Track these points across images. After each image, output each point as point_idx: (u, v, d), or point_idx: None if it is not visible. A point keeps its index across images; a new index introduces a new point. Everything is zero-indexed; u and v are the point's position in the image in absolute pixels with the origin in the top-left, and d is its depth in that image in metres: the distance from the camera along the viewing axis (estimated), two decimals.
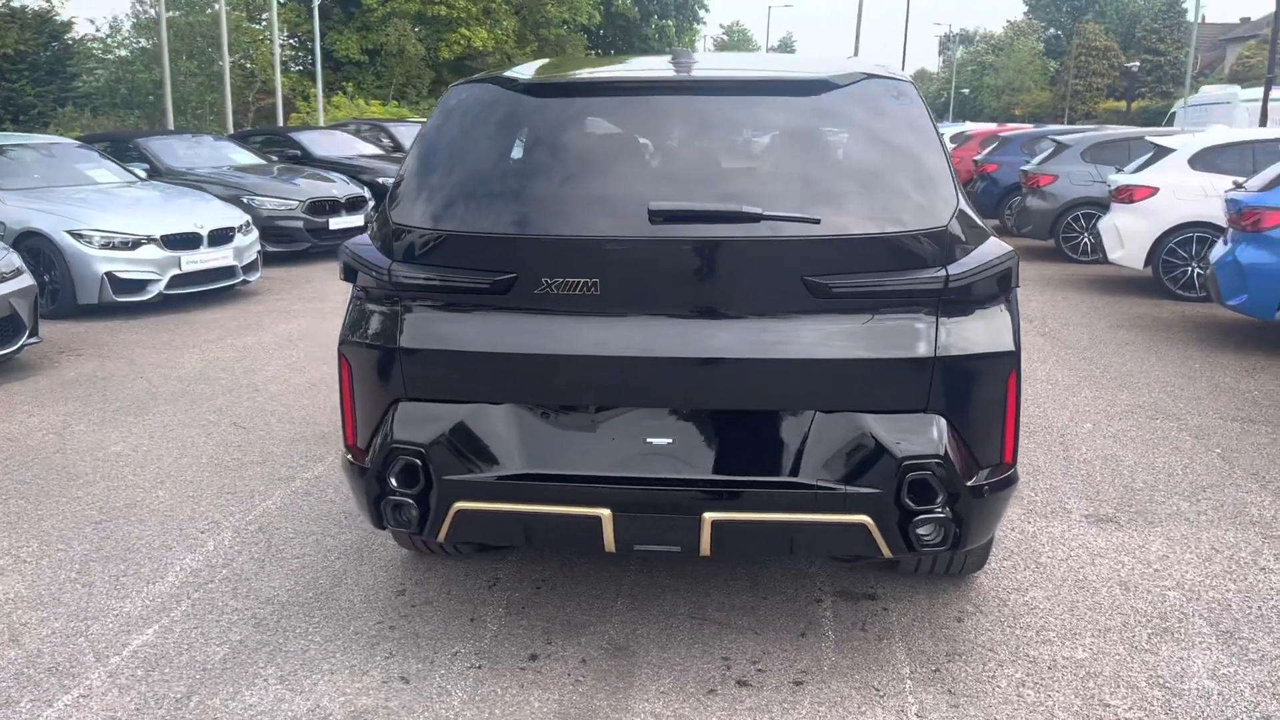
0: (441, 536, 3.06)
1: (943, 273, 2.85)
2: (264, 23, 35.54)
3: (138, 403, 6.23)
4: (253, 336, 8.16)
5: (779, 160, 3.00)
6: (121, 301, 8.81)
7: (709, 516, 2.88)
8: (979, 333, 2.94)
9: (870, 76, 3.15)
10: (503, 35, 39.14)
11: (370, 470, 3.09)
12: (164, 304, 9.14)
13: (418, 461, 3.01)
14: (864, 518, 2.86)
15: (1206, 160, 9.70)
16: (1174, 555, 4.04)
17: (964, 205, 2.99)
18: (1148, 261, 9.84)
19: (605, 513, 2.91)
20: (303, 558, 4.03)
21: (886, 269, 2.85)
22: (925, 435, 2.87)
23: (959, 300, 2.91)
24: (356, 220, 12.36)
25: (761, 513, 2.89)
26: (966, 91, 77.91)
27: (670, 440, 2.94)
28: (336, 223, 12.09)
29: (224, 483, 4.85)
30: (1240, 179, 8.49)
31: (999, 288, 2.97)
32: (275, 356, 7.45)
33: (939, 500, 2.88)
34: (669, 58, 3.43)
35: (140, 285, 8.90)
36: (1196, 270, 9.67)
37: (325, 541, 4.18)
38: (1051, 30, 79.85)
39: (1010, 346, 2.97)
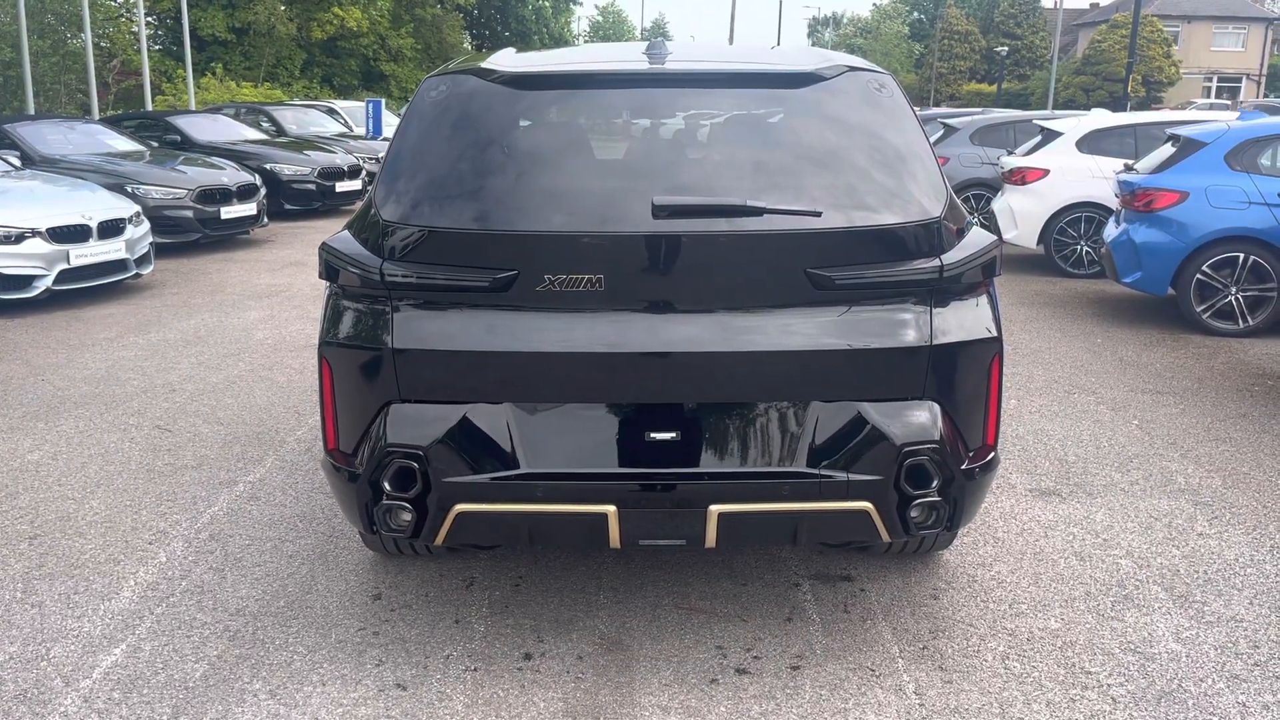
0: (440, 540, 3.01)
1: (937, 262, 2.93)
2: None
3: (46, 406, 5.89)
4: (155, 334, 7.79)
5: (773, 153, 3.02)
6: (5, 299, 8.30)
7: (715, 509, 2.90)
8: (968, 319, 3.03)
9: (853, 69, 3.20)
10: (377, 15, 38.16)
11: (361, 475, 3.01)
12: (51, 300, 8.66)
13: (414, 465, 2.94)
14: (866, 504, 2.92)
15: (1092, 143, 10.16)
16: (1118, 525, 4.25)
17: (951, 194, 3.07)
18: (1040, 240, 10.27)
19: (611, 509, 2.91)
20: (265, 565, 3.89)
21: (884, 260, 2.91)
22: (922, 421, 2.95)
23: (949, 289, 2.99)
24: (249, 209, 11.91)
25: (767, 503, 2.93)
26: None
27: (674, 435, 2.94)
28: (228, 212, 11.63)
29: (161, 490, 4.64)
30: (1129, 161, 8.93)
31: (984, 275, 3.06)
32: (185, 354, 7.14)
33: (935, 484, 2.96)
34: (644, 47, 3.40)
35: (26, 281, 8.40)
36: (1085, 248, 10.15)
37: (285, 547, 4.04)
38: (916, 14, 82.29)
39: (995, 332, 3.07)
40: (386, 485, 2.98)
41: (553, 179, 2.96)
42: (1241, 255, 7.52)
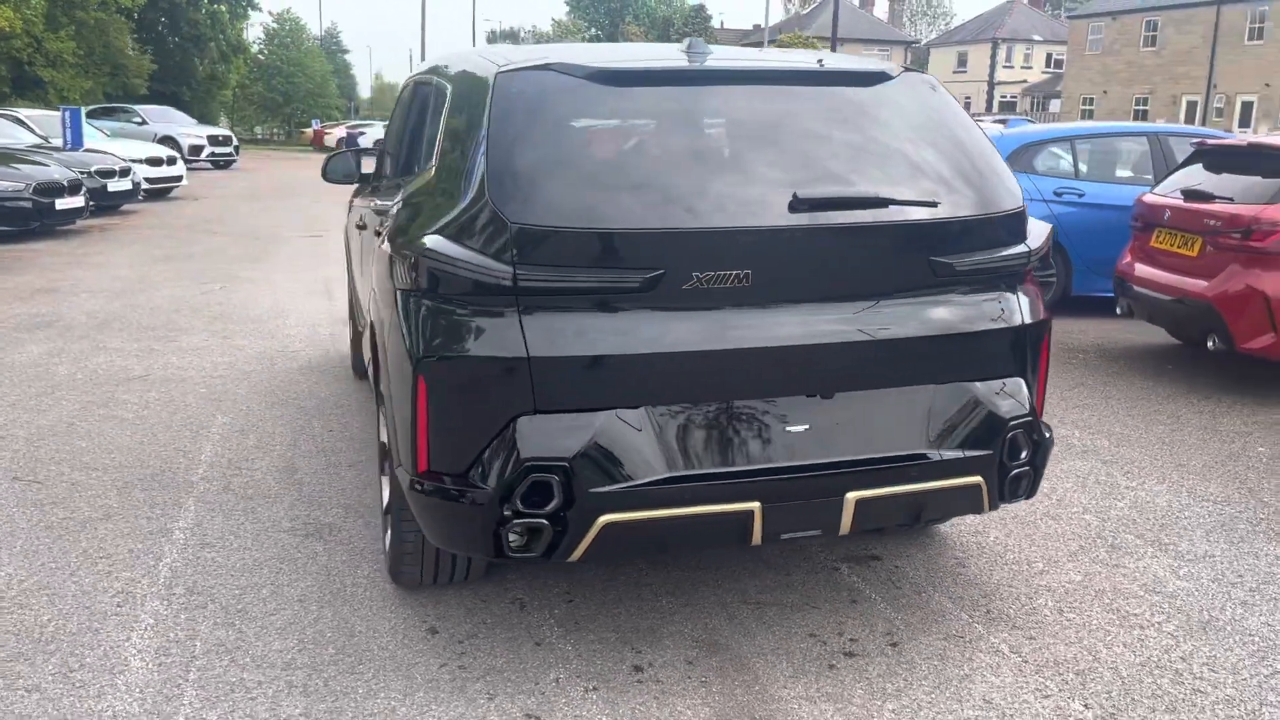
0: (577, 555, 2.87)
1: (1025, 248, 3.17)
2: None
3: None
4: None
5: (875, 147, 3.12)
6: None
7: (851, 496, 2.97)
8: (1036, 300, 3.30)
9: (906, 69, 3.38)
10: (32, 15, 34.25)
11: (492, 494, 2.80)
12: None
13: (554, 478, 2.79)
14: (978, 479, 3.11)
15: None
16: (1060, 487, 4.72)
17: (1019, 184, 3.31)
18: None
19: (755, 506, 2.90)
20: (278, 614, 3.49)
21: (991, 246, 3.11)
22: (1019, 397, 3.18)
23: (1023, 272, 3.24)
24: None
25: (897, 486, 3.03)
26: None
27: (810, 426, 2.98)
28: None
29: (82, 547, 4.02)
30: None
31: (1042, 261, 3.33)
32: None
33: (1025, 455, 3.20)
34: (684, 46, 3.39)
35: None
36: None
37: (285, 592, 3.65)
38: (593, 30, 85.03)
39: (1046, 312, 3.35)
40: (519, 503, 2.80)
41: (684, 175, 2.90)
42: None
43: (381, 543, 3.93)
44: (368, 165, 5.57)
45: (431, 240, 2.90)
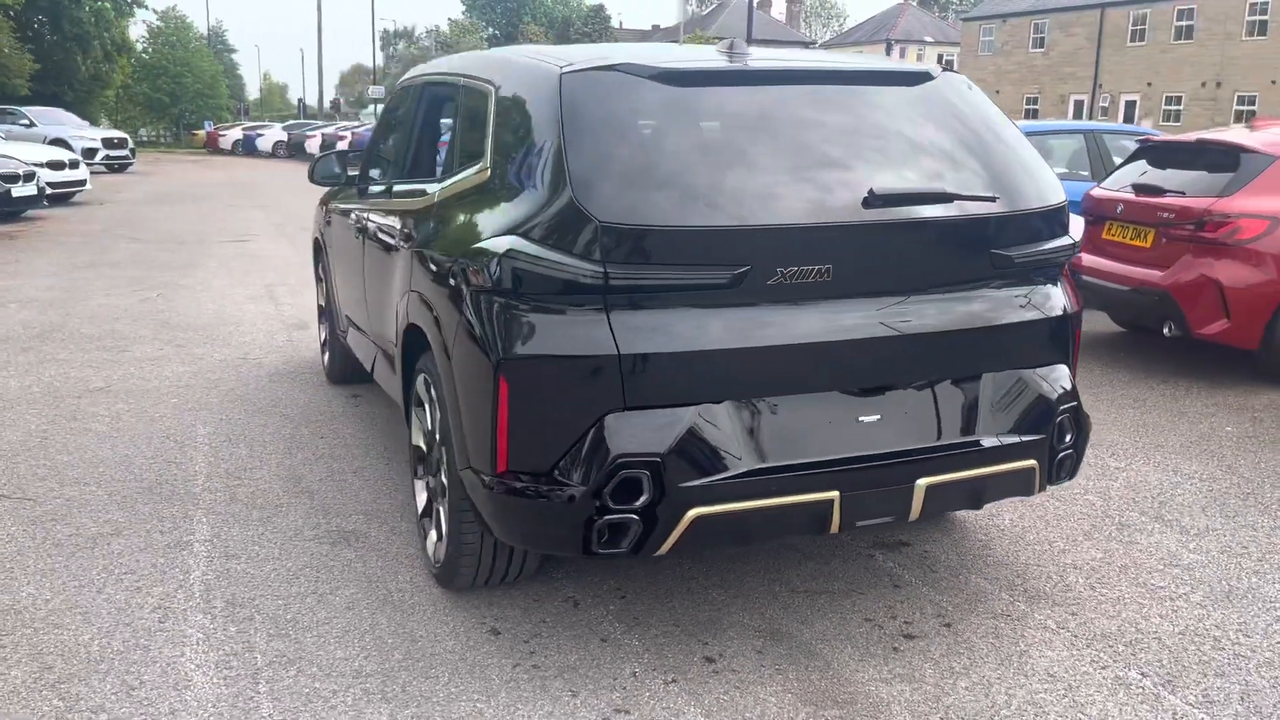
0: (665, 549, 2.90)
1: (1070, 239, 3.31)
2: None
3: None
4: None
5: (924, 144, 3.22)
6: None
7: (922, 483, 3.07)
8: (1071, 290, 3.45)
9: (945, 69, 3.50)
10: None
11: (584, 491, 2.82)
12: None
13: (646, 473, 2.82)
14: (1032, 462, 3.24)
15: None
16: None
17: None
18: None
19: (834, 495, 2.98)
20: (330, 622, 3.44)
21: (1043, 239, 3.25)
22: (1065, 383, 3.33)
23: (1064, 263, 3.39)
24: None
25: (962, 471, 3.14)
26: None
27: (882, 415, 3.07)
28: None
29: (101, 564, 3.88)
30: None
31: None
32: None
33: (1069, 438, 3.35)
34: (724, 47, 3.45)
35: None
36: None
37: (330, 600, 3.59)
38: (491, 30, 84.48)
39: (1079, 303, 3.52)
40: (609, 500, 2.83)
41: (760, 173, 2.95)
42: None
43: (421, 546, 3.89)
44: (352, 169, 5.50)
45: (513, 241, 2.89)
